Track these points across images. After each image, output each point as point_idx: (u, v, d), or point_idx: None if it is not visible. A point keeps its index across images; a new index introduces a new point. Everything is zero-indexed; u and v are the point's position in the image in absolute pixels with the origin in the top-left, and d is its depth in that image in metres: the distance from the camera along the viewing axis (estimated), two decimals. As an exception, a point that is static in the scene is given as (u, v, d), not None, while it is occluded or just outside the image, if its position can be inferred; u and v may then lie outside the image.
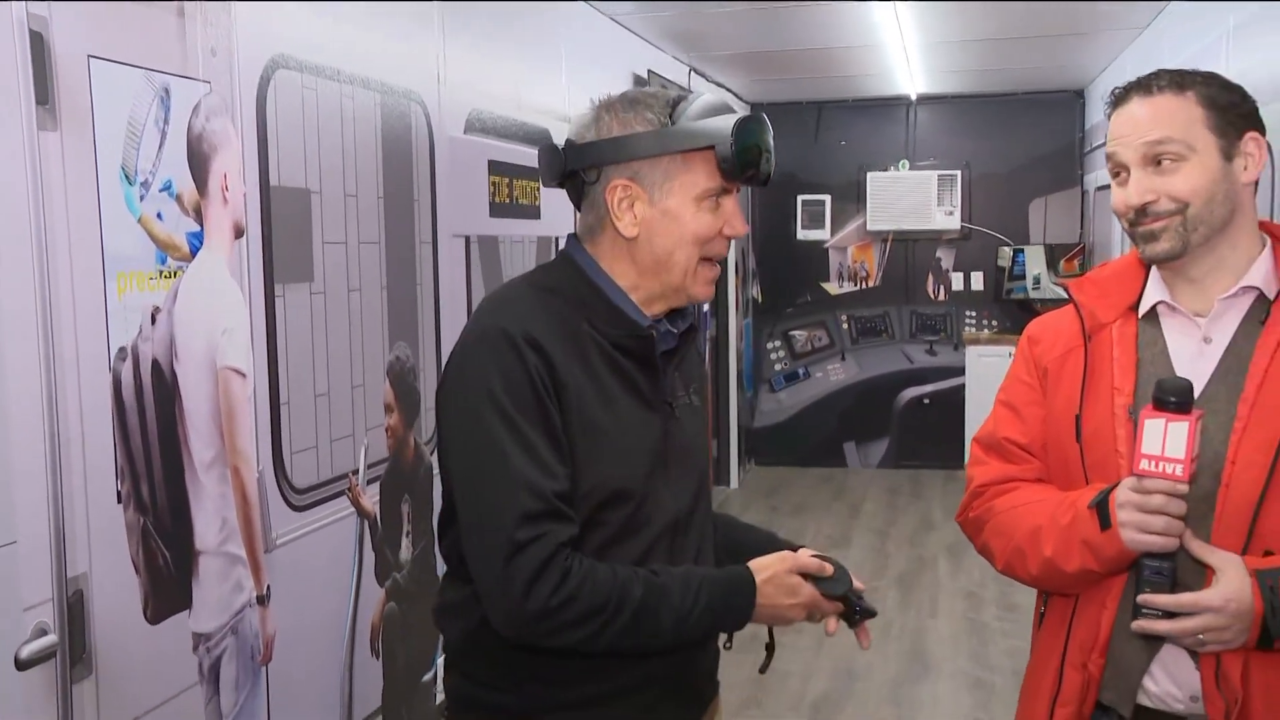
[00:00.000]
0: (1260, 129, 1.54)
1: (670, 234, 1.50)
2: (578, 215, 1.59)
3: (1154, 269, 1.60)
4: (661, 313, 1.57)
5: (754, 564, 1.52)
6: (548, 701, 1.50)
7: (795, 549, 1.59)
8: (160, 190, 1.94)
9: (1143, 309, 1.61)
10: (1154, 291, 1.60)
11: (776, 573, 1.51)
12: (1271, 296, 1.53)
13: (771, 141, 1.52)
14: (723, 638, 1.63)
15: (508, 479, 1.39)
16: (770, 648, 1.68)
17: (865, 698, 4.15)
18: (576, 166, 1.52)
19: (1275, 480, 1.44)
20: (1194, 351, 1.56)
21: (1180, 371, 1.53)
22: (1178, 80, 1.52)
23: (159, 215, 1.94)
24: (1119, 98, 1.57)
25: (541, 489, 1.39)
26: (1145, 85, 1.54)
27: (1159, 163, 1.51)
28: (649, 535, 1.51)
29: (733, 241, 1.59)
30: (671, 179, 1.49)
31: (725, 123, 1.46)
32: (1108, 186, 1.61)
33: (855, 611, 1.56)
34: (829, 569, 1.54)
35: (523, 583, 1.37)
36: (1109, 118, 1.59)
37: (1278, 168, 3.08)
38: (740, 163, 1.46)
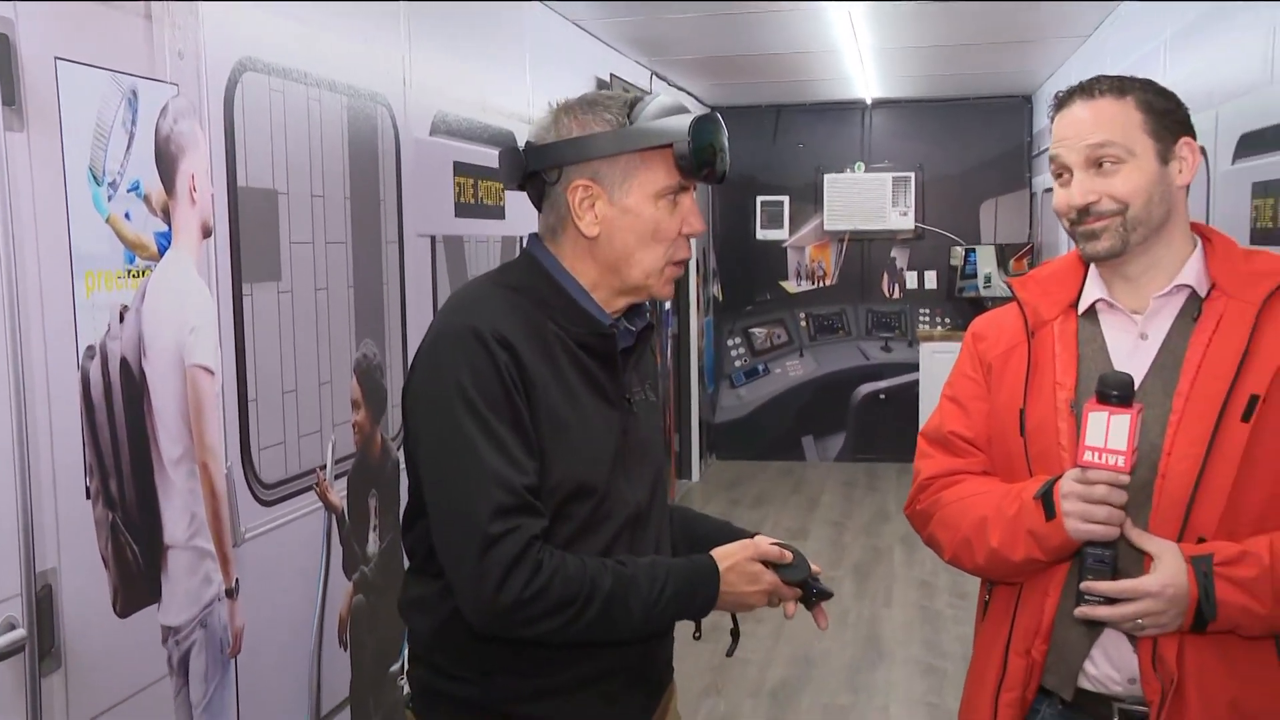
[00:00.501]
0: (1193, 134, 1.59)
1: (630, 231, 1.53)
2: (539, 215, 1.61)
3: (1093, 267, 1.64)
4: (622, 310, 1.60)
5: (717, 552, 1.55)
6: (513, 692, 1.52)
7: (751, 536, 1.62)
8: (128, 191, 1.94)
9: (1082, 306, 1.65)
10: (1093, 289, 1.64)
11: (738, 561, 1.54)
12: (1203, 295, 1.58)
13: (726, 140, 1.56)
14: (692, 628, 1.65)
15: (480, 474, 1.41)
16: (735, 633, 1.70)
17: (822, 684, 4.21)
18: (537, 167, 1.54)
19: (1208, 471, 1.48)
20: (1131, 347, 1.59)
21: (1118, 366, 1.56)
22: (1118, 85, 1.56)
23: (127, 215, 1.94)
24: (1062, 101, 1.60)
25: (513, 483, 1.41)
26: (1087, 89, 1.58)
27: (1100, 165, 1.55)
28: (611, 528, 1.53)
29: (694, 241, 1.62)
30: (630, 177, 1.51)
31: (682, 121, 1.49)
32: (1054, 189, 1.67)
33: (812, 593, 1.59)
34: (788, 556, 1.57)
35: (497, 576, 1.39)
36: (1052, 120, 1.62)
37: (1212, 172, 3.19)
38: (697, 160, 1.50)
